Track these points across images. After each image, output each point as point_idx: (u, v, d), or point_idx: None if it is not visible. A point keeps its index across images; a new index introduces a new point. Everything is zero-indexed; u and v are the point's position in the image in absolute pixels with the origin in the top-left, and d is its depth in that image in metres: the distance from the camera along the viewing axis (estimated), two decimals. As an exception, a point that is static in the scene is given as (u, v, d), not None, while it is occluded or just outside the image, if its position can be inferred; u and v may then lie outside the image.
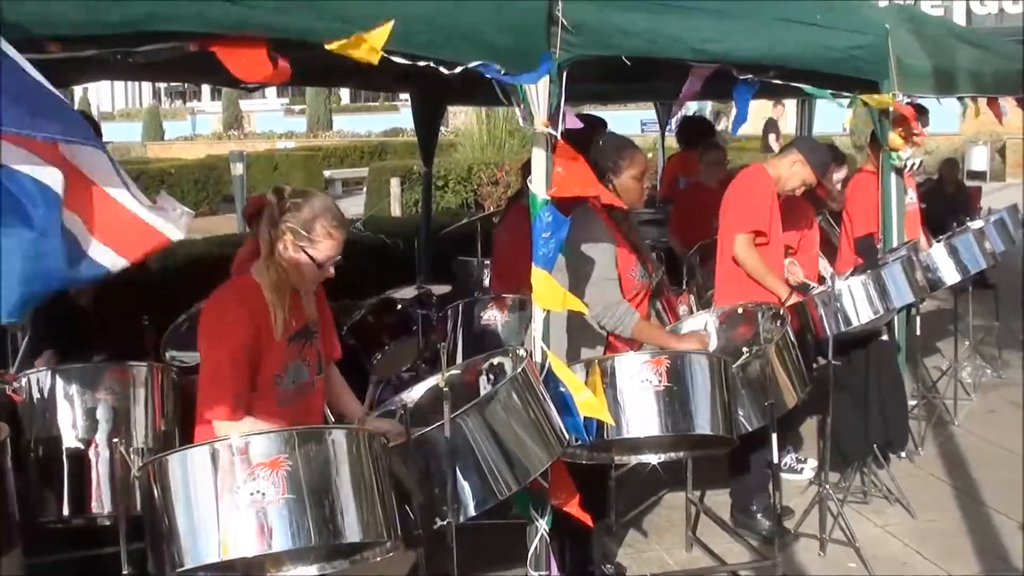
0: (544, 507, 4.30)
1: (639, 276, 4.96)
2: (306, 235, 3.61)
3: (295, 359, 3.78)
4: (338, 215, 3.70)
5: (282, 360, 3.73)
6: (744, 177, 5.95)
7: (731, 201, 5.88)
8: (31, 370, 4.45)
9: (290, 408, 3.76)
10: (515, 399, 3.87)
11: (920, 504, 6.17)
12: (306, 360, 3.83)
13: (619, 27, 4.51)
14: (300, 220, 3.62)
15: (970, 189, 14.12)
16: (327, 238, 3.64)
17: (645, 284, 5.02)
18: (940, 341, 9.58)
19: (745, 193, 5.84)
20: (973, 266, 7.55)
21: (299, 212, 3.62)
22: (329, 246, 3.65)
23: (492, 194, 17.84)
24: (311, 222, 3.62)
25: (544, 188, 4.13)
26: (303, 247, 3.62)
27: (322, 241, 3.63)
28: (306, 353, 3.83)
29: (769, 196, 5.80)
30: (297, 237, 3.61)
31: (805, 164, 5.81)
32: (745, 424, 4.93)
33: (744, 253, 5.72)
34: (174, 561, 3.18)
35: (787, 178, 5.84)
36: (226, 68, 3.23)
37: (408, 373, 6.93)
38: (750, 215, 5.78)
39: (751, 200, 5.81)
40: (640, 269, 4.98)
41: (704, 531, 5.84)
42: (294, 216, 3.62)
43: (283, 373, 3.73)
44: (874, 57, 6.23)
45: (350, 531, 3.25)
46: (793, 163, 5.83)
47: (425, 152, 9.61)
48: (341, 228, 3.68)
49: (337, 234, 3.66)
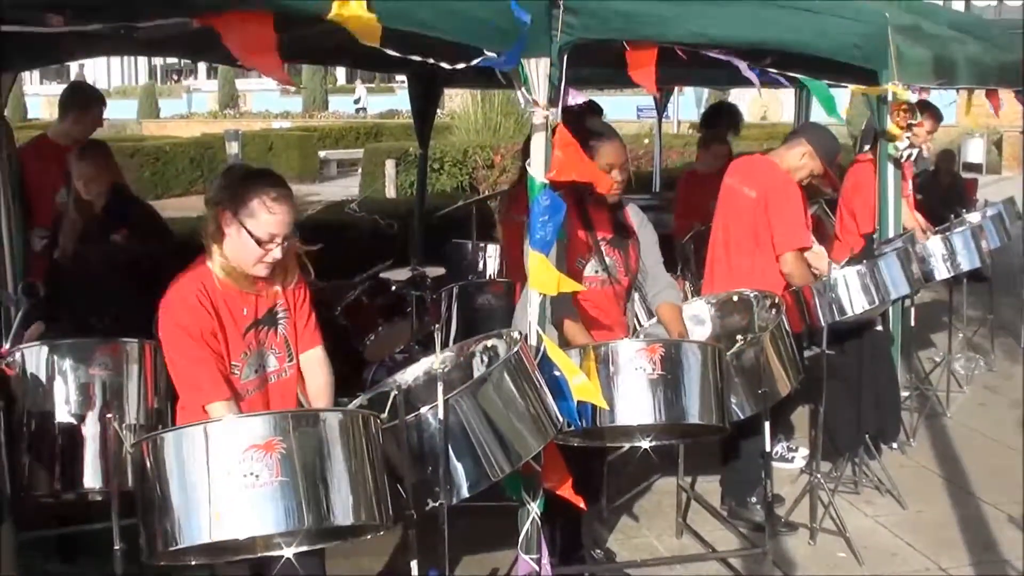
0: (536, 490, 4.31)
1: (590, 269, 4.86)
2: (243, 210, 3.53)
3: (255, 348, 3.71)
4: (281, 191, 3.59)
5: (238, 349, 3.65)
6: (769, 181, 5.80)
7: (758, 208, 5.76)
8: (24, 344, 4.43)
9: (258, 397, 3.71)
10: (509, 382, 3.86)
11: (911, 495, 6.18)
12: (270, 347, 3.76)
13: (620, 10, 4.50)
14: (240, 194, 3.55)
15: (966, 181, 14.12)
16: (265, 211, 3.53)
17: (600, 278, 4.90)
18: (934, 333, 9.59)
19: (788, 203, 5.74)
20: (968, 264, 7.53)
21: (239, 187, 3.56)
22: (268, 221, 3.54)
23: (487, 177, 17.82)
24: (248, 196, 3.54)
25: (543, 171, 4.12)
26: (241, 222, 3.54)
27: (260, 215, 3.53)
28: (270, 340, 3.76)
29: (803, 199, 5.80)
30: (235, 211, 3.54)
31: (814, 156, 5.78)
32: (738, 412, 4.93)
33: (796, 269, 5.71)
34: (166, 539, 3.18)
35: (796, 169, 5.81)
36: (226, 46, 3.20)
37: (401, 355, 6.93)
38: (801, 233, 5.75)
39: (797, 214, 5.74)
40: (595, 262, 4.87)
41: (694, 518, 5.84)
42: (234, 191, 3.56)
43: (240, 362, 3.67)
44: (873, 46, 6.21)
45: (343, 514, 3.25)
46: (803, 155, 5.79)
47: (421, 134, 9.58)
48: (280, 202, 3.56)
49: (277, 207, 3.54)
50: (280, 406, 3.77)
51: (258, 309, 3.71)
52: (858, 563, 5.40)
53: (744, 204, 5.80)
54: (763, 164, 5.95)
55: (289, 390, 3.86)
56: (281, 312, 3.80)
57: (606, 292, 4.93)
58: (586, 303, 4.82)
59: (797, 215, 5.74)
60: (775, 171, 5.82)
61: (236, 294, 3.64)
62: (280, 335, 3.79)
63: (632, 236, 5.03)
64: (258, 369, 3.73)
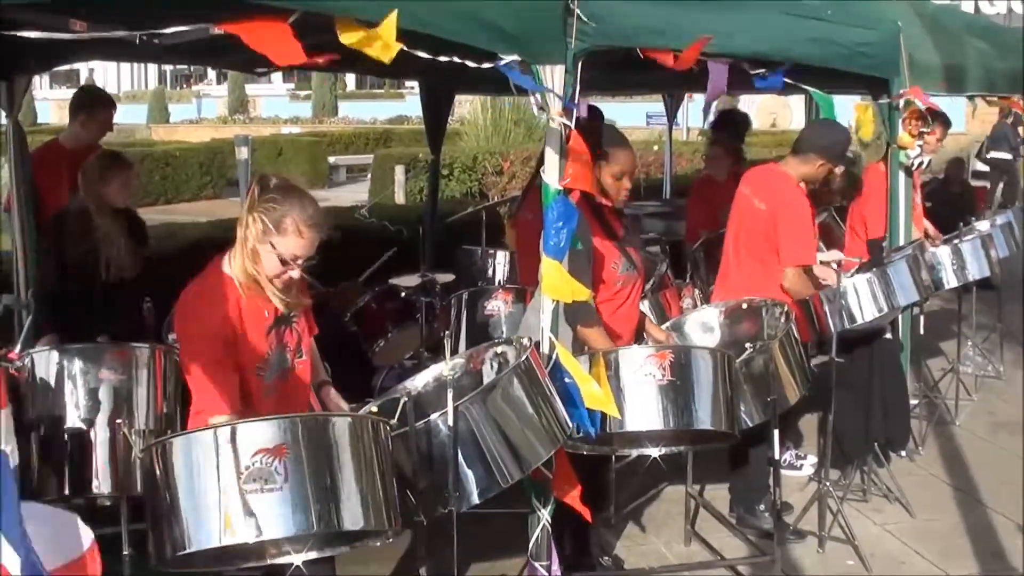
0: (547, 497, 4.31)
1: (622, 269, 4.92)
2: (274, 228, 3.53)
3: (276, 348, 3.73)
4: (315, 217, 3.59)
5: (262, 351, 3.67)
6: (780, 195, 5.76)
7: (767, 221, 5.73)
8: (34, 349, 4.45)
9: (275, 396, 3.73)
10: (519, 388, 3.86)
11: (919, 503, 6.17)
12: (286, 346, 3.78)
13: (634, 19, 4.50)
14: (274, 212, 3.54)
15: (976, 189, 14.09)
16: (296, 235, 3.54)
17: (631, 276, 4.97)
18: (942, 341, 9.57)
19: (791, 218, 5.70)
20: (978, 273, 7.52)
21: (276, 204, 3.55)
22: (297, 244, 3.56)
23: (497, 183, 17.82)
24: (284, 216, 3.54)
25: (557, 178, 4.13)
26: (269, 239, 3.55)
27: (290, 237, 3.55)
28: (286, 339, 3.78)
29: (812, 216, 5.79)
30: (266, 229, 3.54)
31: (827, 162, 5.74)
32: (747, 420, 4.92)
33: (796, 285, 5.68)
34: (176, 544, 3.17)
35: (813, 177, 5.79)
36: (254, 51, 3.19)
37: (411, 361, 6.93)
38: (805, 251, 5.72)
39: (804, 230, 5.71)
40: (624, 262, 4.94)
41: (703, 525, 5.83)
42: (270, 207, 3.55)
43: (264, 365, 3.69)
44: (885, 53, 6.21)
45: (352, 519, 3.25)
46: (819, 166, 5.74)
47: (433, 140, 9.57)
48: (313, 229, 3.57)
49: (308, 233, 3.56)
50: (300, 399, 3.81)
51: (277, 309, 3.73)
52: (866, 571, 5.38)
53: (755, 215, 5.78)
54: (774, 176, 5.89)
55: (304, 382, 3.89)
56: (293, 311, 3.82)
57: (637, 287, 5.06)
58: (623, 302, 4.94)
59: (804, 232, 5.71)
60: (786, 184, 5.78)
61: (256, 297, 3.66)
62: (295, 332, 3.82)
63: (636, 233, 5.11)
64: (279, 368, 3.75)
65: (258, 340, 3.66)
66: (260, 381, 3.69)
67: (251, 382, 3.67)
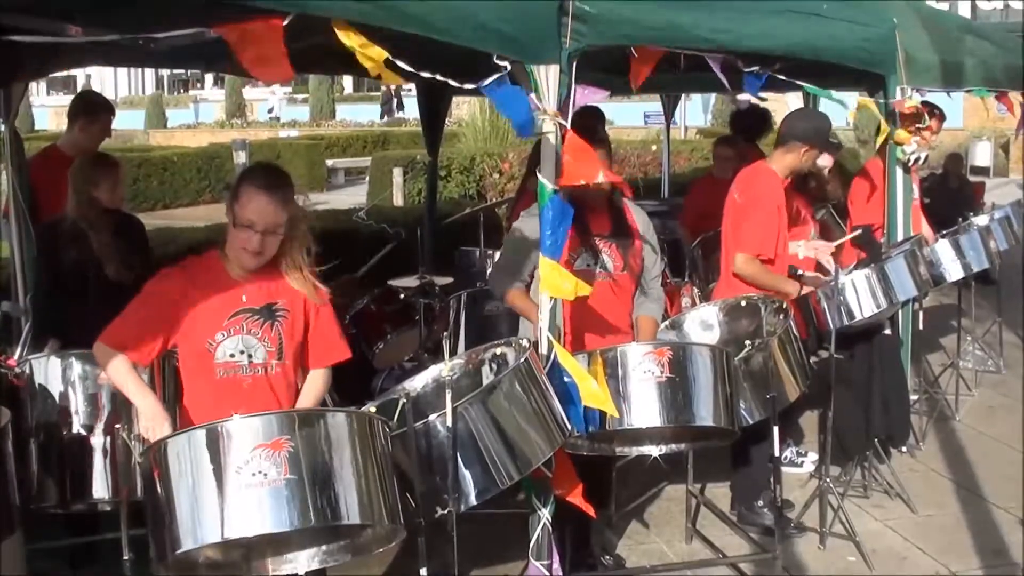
0: (547, 496, 4.31)
1: (579, 263, 4.84)
2: (233, 197, 3.65)
3: (239, 332, 3.70)
4: (270, 182, 3.65)
5: (214, 327, 3.67)
6: (754, 188, 5.79)
7: (739, 212, 5.77)
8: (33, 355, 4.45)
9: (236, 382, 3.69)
10: (518, 389, 3.87)
11: (920, 499, 6.17)
12: (260, 339, 3.74)
13: (629, 17, 4.50)
14: (235, 184, 3.69)
15: (974, 184, 14.09)
16: (247, 198, 3.61)
17: (592, 272, 4.87)
18: (942, 336, 9.57)
19: (754, 209, 5.71)
20: (977, 264, 7.53)
21: (239, 178, 3.72)
22: (251, 208, 3.60)
23: (495, 184, 17.82)
24: (239, 183, 3.67)
25: (553, 178, 4.13)
26: (232, 210, 3.66)
27: (243, 201, 3.62)
28: (263, 332, 3.74)
29: (778, 210, 5.75)
30: (230, 202, 3.67)
31: (812, 148, 5.75)
32: (747, 417, 4.93)
33: (747, 269, 5.66)
34: (175, 542, 3.18)
35: (799, 166, 5.79)
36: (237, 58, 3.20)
37: (410, 362, 6.93)
38: (757, 240, 5.68)
39: (761, 219, 5.69)
40: (586, 256, 4.88)
41: (704, 523, 5.83)
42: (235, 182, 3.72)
43: (215, 341, 3.67)
44: (881, 50, 6.21)
45: (350, 513, 3.26)
46: (803, 153, 5.75)
47: (430, 142, 9.57)
48: (263, 191, 3.62)
49: (259, 196, 3.60)
50: (263, 401, 3.72)
51: (257, 299, 3.74)
52: (868, 567, 5.38)
53: (735, 210, 5.81)
54: (756, 172, 5.90)
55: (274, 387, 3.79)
56: (280, 311, 3.78)
57: (602, 287, 4.91)
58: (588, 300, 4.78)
59: (763, 223, 5.68)
60: (763, 178, 5.79)
61: (237, 279, 3.72)
62: (275, 331, 3.76)
63: (634, 235, 5.04)
64: (240, 355, 3.70)
65: (213, 316, 3.68)
66: (210, 356, 3.67)
67: (203, 355, 3.68)
